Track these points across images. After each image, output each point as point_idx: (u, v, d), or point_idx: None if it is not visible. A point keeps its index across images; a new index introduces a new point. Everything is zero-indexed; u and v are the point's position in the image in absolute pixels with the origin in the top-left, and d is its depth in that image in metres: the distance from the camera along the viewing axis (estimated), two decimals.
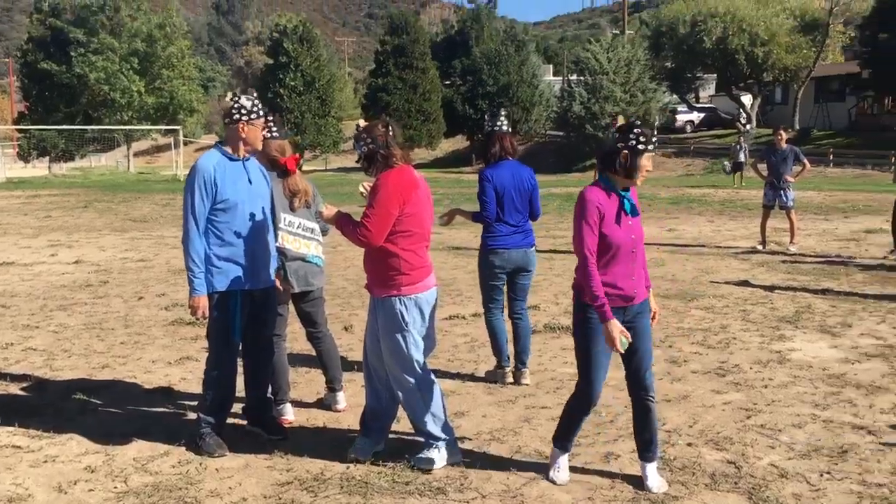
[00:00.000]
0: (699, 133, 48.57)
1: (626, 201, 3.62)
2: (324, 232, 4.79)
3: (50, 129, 51.53)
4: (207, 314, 4.08)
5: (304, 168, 12.78)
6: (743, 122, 45.16)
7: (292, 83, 53.90)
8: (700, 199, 21.26)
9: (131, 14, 54.08)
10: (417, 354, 3.95)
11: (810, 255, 10.98)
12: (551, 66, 78.25)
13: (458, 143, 62.36)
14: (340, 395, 4.98)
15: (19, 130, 56.69)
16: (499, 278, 5.34)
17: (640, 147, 3.55)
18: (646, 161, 3.58)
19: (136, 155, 63.17)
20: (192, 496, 3.68)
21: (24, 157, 57.55)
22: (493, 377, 5.47)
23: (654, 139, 3.59)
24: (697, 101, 54.44)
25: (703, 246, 12.15)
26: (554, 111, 53.22)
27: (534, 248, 5.41)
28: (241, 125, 4.13)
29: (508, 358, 5.46)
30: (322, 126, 55.33)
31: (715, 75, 49.84)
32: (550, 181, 36.61)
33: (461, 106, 56.51)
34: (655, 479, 3.73)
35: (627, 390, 3.80)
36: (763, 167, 11.83)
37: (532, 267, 5.39)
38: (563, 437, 3.84)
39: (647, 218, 16.28)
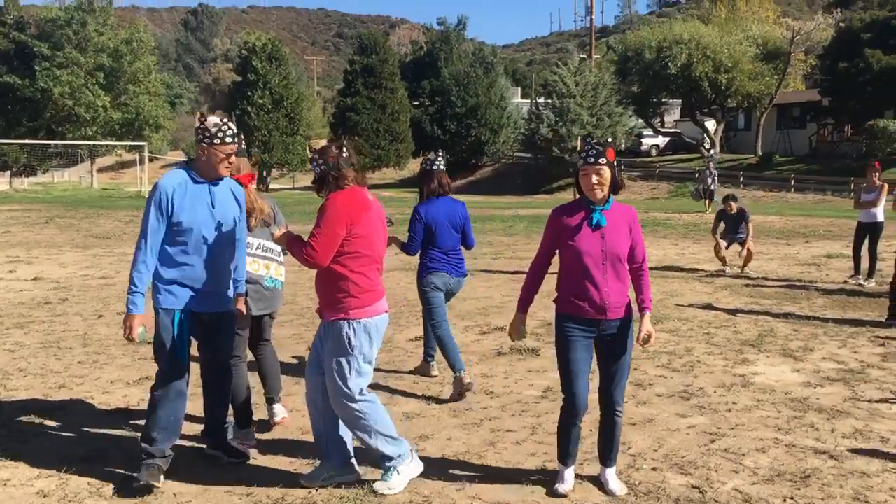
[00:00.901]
0: (664, 157, 49.26)
1: (594, 216, 3.74)
2: (284, 252, 4.69)
3: (12, 143, 50.61)
4: (134, 335, 3.89)
5: (272, 186, 12.62)
6: (707, 146, 45.89)
7: (260, 101, 53.68)
8: (665, 222, 21.50)
9: (98, 29, 53.57)
10: (361, 381, 3.87)
11: (772, 279, 11.12)
12: (519, 89, 78.94)
13: None
14: (278, 408, 4.98)
15: None
16: (437, 296, 5.74)
17: (581, 162, 3.76)
18: (586, 175, 3.73)
19: (100, 171, 62.30)
20: None
21: None
22: (460, 389, 5.48)
23: (592, 153, 3.71)
24: (663, 126, 55.27)
25: (668, 268, 12.26)
26: (522, 133, 53.62)
27: (465, 278, 5.96)
28: (203, 148, 4.00)
29: (463, 365, 5.60)
30: (290, 144, 55.09)
31: (680, 101, 50.68)
32: (517, 202, 36.81)
33: (429, 126, 56.74)
34: (616, 482, 3.94)
35: (598, 400, 3.93)
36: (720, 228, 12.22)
37: (458, 291, 5.98)
38: (561, 452, 3.94)
39: None
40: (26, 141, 49.57)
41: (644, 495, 3.88)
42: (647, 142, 51.05)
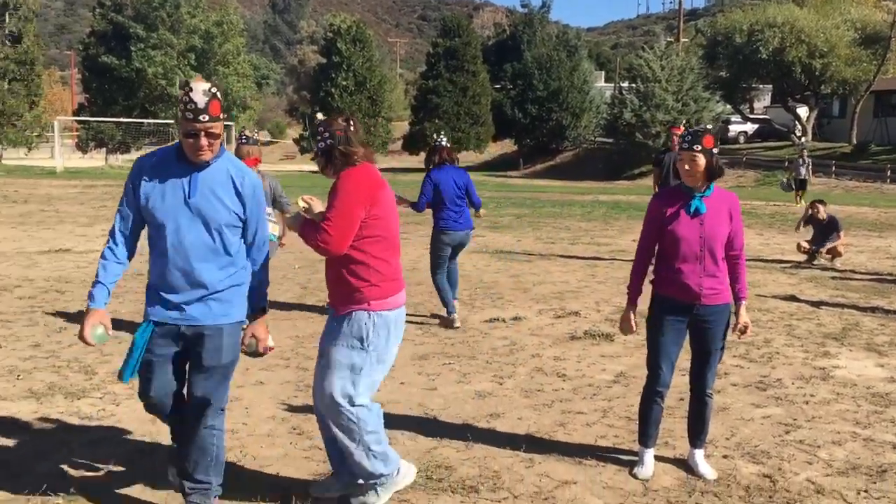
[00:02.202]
0: (752, 144, 47.81)
1: (692, 203, 3.79)
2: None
3: (108, 122, 52.86)
4: (86, 334, 3.13)
5: None
6: (798, 134, 44.35)
7: (344, 83, 54.44)
8: (750, 211, 20.96)
9: (190, 11, 55.14)
10: (367, 383, 3.42)
11: (861, 272, 10.77)
12: (603, 73, 77.79)
13: (506, 146, 62.29)
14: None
15: (79, 122, 58.21)
16: (445, 251, 7.28)
17: (678, 147, 3.95)
18: (681, 161, 3.83)
19: None
20: (231, 481, 3.78)
21: (82, 147, 59.08)
22: (446, 324, 7.16)
23: (688, 139, 3.79)
24: (752, 112, 53.62)
25: (751, 259, 11.99)
26: (604, 118, 52.86)
27: (472, 231, 7.44)
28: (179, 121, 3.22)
29: (454, 308, 7.23)
30: (371, 126, 55.70)
31: (771, 86, 49.05)
32: (598, 188, 36.39)
33: (510, 110, 56.47)
34: (705, 465, 3.99)
35: (689, 384, 4.03)
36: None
37: (468, 243, 7.54)
38: (641, 431, 4.02)
39: None
40: (121, 119, 51.63)
41: (714, 482, 3.88)
42: (735, 128, 49.59)
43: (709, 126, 3.98)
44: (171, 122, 53.75)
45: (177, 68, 54.33)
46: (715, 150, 3.78)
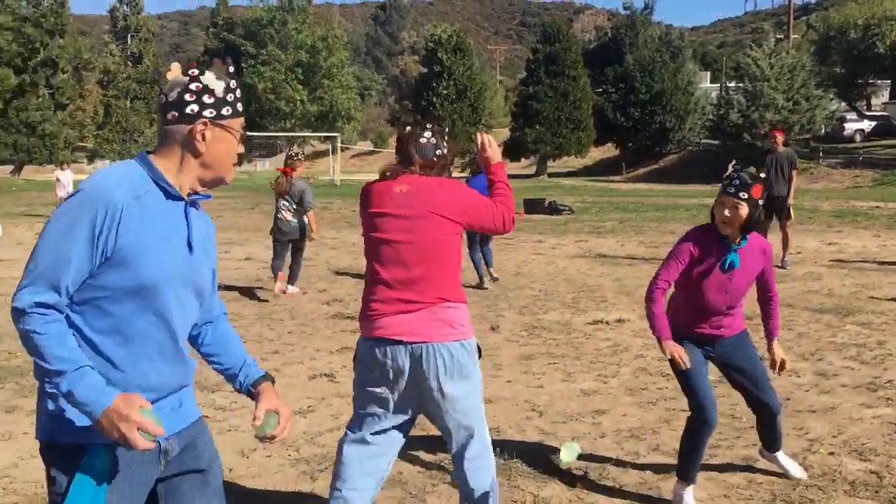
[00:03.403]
0: (870, 143, 45.70)
1: (727, 258, 3.51)
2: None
3: None
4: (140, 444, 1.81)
5: (454, 175, 13.17)
6: None
7: (445, 92, 55.17)
8: (867, 212, 20.16)
9: (297, 27, 57.17)
10: (355, 412, 3.17)
11: None
12: (709, 73, 75.92)
13: (608, 151, 61.60)
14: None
15: None
16: (475, 236, 9.34)
17: (721, 189, 3.51)
18: (721, 205, 3.48)
19: None
20: None
21: None
22: (481, 286, 9.44)
23: (735, 183, 3.44)
24: (868, 109, 51.27)
25: (866, 261, 11.63)
26: (709, 119, 51.61)
27: None
28: (202, 125, 2.00)
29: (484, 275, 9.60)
30: (472, 134, 56.10)
31: (889, 82, 46.82)
32: (703, 191, 35.62)
33: (612, 113, 55.87)
34: (794, 466, 3.94)
35: (755, 413, 3.85)
36: None
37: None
38: (688, 467, 3.63)
39: (807, 231, 15.69)
40: None
41: (819, 476, 3.94)
42: (851, 126, 47.52)
43: (762, 174, 3.71)
44: (279, 134, 55.86)
45: (285, 82, 56.39)
46: (760, 202, 3.45)
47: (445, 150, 3.17)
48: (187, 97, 2.01)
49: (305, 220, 9.07)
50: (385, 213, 3.05)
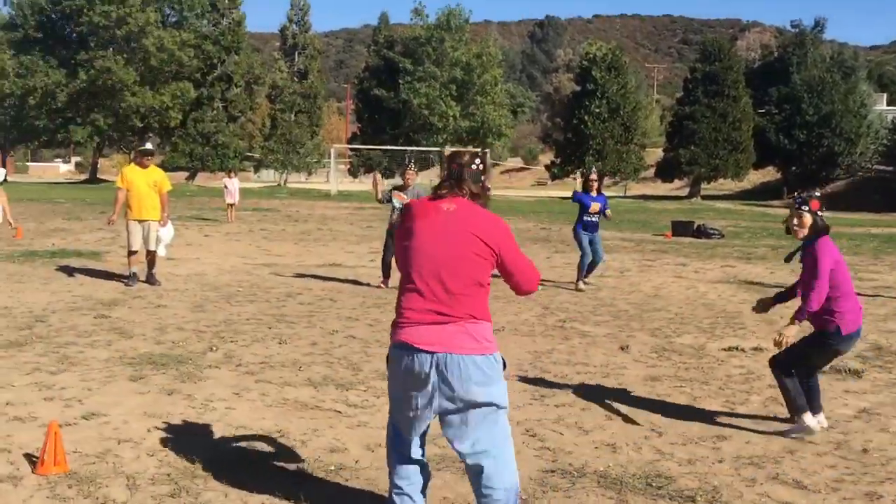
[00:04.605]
0: None
1: (799, 251, 4.97)
2: None
3: (376, 149, 57.45)
4: None
5: (607, 194, 13.08)
6: None
7: (597, 110, 54.67)
8: None
9: (453, 45, 58.45)
10: (391, 421, 3.47)
11: None
12: (885, 95, 71.13)
13: (769, 174, 59.00)
14: None
15: (351, 149, 63.76)
16: (584, 238, 11.17)
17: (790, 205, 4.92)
18: (790, 216, 4.86)
19: None
20: None
21: (353, 172, 64.65)
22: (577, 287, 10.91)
23: (798, 200, 4.83)
24: None
25: None
26: (883, 144, 48.43)
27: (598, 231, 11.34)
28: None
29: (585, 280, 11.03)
30: (624, 153, 55.38)
31: None
32: (871, 220, 33.49)
33: (775, 136, 53.51)
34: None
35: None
36: None
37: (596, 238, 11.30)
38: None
39: None
40: (388, 147, 55.88)
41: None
42: None
43: (817, 192, 4.88)
44: (432, 149, 57.25)
45: (439, 98, 57.73)
46: (819, 213, 4.81)
47: (487, 181, 3.39)
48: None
49: None
50: (430, 227, 3.23)
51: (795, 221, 4.79)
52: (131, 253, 10.35)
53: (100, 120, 53.59)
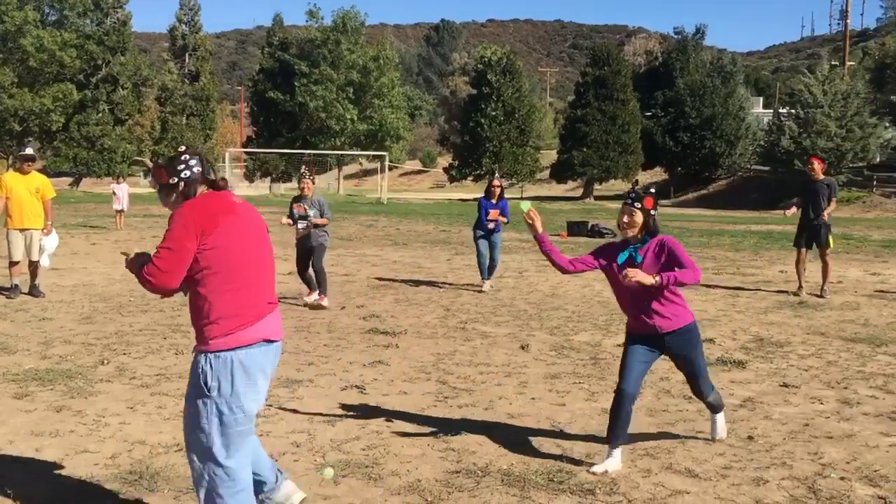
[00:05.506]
0: None
1: (623, 254, 4.41)
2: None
3: (272, 153, 56.44)
4: None
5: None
6: None
7: (493, 113, 55.54)
8: None
9: (350, 48, 58.17)
10: (229, 437, 3.20)
11: None
12: (762, 99, 75.11)
13: (656, 175, 61.28)
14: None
15: (246, 153, 62.47)
16: (483, 243, 11.26)
17: (623, 201, 4.40)
18: (621, 214, 4.36)
19: (345, 178, 67.44)
20: (376, 473, 4.30)
21: (249, 177, 63.34)
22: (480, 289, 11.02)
23: (632, 196, 4.34)
24: None
25: None
26: (760, 145, 51.06)
27: (499, 234, 11.38)
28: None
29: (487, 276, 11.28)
30: (519, 155, 56.46)
31: None
32: (751, 218, 35.25)
33: (661, 138, 55.66)
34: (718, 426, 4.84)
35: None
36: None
37: (495, 240, 11.36)
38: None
39: (852, 260, 15.52)
40: (284, 150, 55.03)
41: (826, 500, 4.01)
42: None
43: (652, 190, 4.43)
44: (330, 152, 56.80)
45: (336, 101, 57.33)
46: (652, 212, 4.31)
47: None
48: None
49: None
50: (244, 226, 3.34)
51: (626, 219, 4.32)
52: (13, 264, 9.84)
53: None
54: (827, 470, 4.42)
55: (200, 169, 3.33)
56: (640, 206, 4.28)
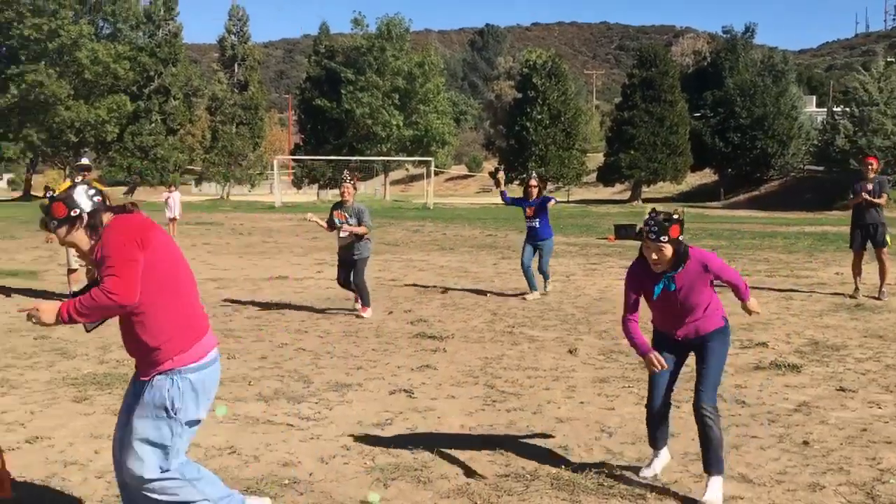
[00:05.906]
0: None
1: (658, 286, 4.04)
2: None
3: (320, 160, 57.11)
4: None
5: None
6: None
7: (538, 117, 55.33)
8: None
9: (395, 54, 58.54)
10: (179, 447, 3.24)
11: None
12: (815, 97, 73.55)
13: (706, 176, 60.39)
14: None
15: (294, 160, 63.28)
16: (528, 247, 10.90)
17: (643, 236, 3.92)
18: (647, 249, 3.93)
19: (391, 183, 67.87)
20: (425, 476, 4.32)
21: (296, 183, 64.16)
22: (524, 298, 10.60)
23: (654, 229, 3.85)
24: None
25: None
26: (814, 144, 50.01)
27: (549, 240, 11.01)
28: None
29: (535, 287, 10.80)
30: (566, 159, 56.14)
31: None
32: (805, 219, 34.52)
33: (710, 139, 54.83)
34: (712, 491, 3.94)
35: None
36: None
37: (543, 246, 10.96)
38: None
39: None
40: (332, 157, 55.60)
41: None
42: None
43: (675, 216, 3.99)
44: (376, 158, 57.24)
45: (381, 108, 57.72)
46: (681, 238, 3.93)
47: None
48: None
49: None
50: (173, 245, 3.31)
51: (654, 257, 3.91)
52: (71, 271, 10.12)
53: (32, 135, 52.21)
54: (886, 475, 4.31)
55: (100, 198, 3.21)
56: (666, 238, 3.86)
